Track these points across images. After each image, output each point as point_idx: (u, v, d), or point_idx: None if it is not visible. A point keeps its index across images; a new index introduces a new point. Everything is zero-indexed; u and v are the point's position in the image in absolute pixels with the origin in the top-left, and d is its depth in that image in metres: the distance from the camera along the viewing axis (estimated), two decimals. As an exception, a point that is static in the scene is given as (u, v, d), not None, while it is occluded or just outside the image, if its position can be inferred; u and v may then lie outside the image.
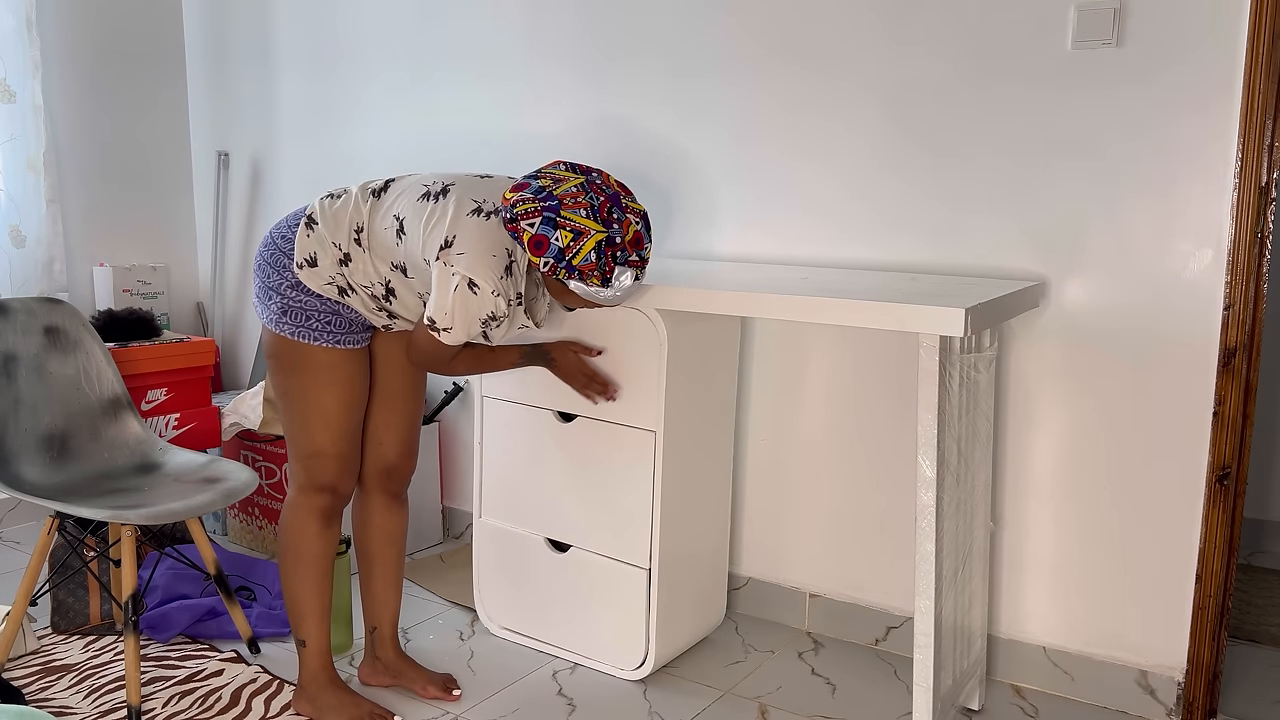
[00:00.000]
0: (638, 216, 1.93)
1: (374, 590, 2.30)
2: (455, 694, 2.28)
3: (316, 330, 2.02)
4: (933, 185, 2.38)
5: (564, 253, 1.85)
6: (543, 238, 1.85)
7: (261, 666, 2.41)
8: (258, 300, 2.07)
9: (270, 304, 2.03)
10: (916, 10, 2.35)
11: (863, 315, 1.86)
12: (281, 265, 2.02)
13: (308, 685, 2.17)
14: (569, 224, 1.85)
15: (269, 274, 2.03)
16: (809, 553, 2.66)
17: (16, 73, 3.20)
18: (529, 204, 1.87)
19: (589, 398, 2.29)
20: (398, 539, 2.29)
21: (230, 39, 3.66)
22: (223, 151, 3.71)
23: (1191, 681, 2.20)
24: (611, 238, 1.87)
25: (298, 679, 2.20)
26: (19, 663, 2.41)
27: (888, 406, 2.50)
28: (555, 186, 1.89)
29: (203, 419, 3.19)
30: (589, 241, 1.85)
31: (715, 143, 2.66)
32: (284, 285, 2.01)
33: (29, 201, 3.27)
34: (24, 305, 2.44)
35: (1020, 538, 2.38)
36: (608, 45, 2.80)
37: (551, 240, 1.84)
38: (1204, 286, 2.11)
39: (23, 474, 2.31)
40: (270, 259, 2.04)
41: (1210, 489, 2.14)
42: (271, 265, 2.03)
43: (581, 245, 1.85)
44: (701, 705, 2.30)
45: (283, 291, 2.01)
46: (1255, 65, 2.00)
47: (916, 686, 1.91)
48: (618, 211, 1.90)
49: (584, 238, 1.85)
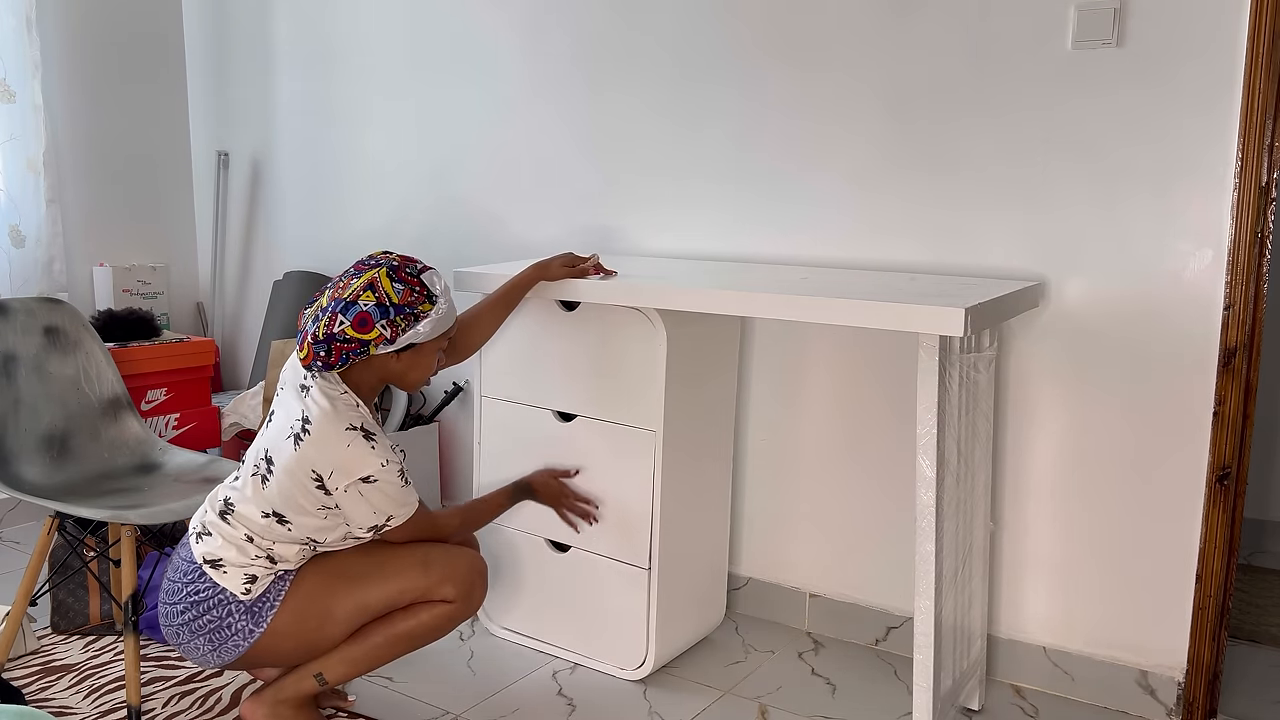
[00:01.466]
0: (381, 252, 1.96)
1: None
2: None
3: (276, 584, 1.93)
4: (933, 185, 2.38)
5: (381, 306, 1.86)
6: (359, 315, 1.86)
7: (261, 666, 2.41)
8: (216, 654, 1.94)
9: (235, 631, 1.92)
10: (917, 10, 2.35)
11: (863, 315, 1.86)
12: (219, 600, 1.91)
13: (283, 705, 2.03)
14: (352, 290, 1.88)
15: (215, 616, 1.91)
16: (809, 553, 2.66)
17: (16, 73, 3.20)
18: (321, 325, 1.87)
19: (571, 522, 2.36)
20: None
21: (230, 39, 3.66)
22: (223, 151, 3.71)
23: (1191, 681, 2.20)
24: (388, 267, 1.90)
25: (276, 688, 2.04)
26: (19, 663, 2.41)
27: (888, 406, 2.50)
28: (320, 298, 1.92)
29: (203, 419, 3.19)
30: (382, 281, 1.88)
31: (715, 143, 2.66)
32: (230, 610, 1.91)
33: (29, 201, 3.27)
34: (24, 305, 2.44)
35: (1020, 538, 2.38)
36: (608, 46, 2.80)
37: (367, 309, 1.86)
38: (1204, 286, 2.11)
39: (23, 474, 2.31)
40: (200, 609, 1.92)
41: (1210, 489, 2.14)
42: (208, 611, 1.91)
43: (381, 289, 1.87)
44: (701, 705, 2.30)
45: (234, 611, 1.91)
46: (1255, 65, 2.00)
47: (916, 686, 1.91)
48: (365, 260, 1.94)
49: (376, 285, 1.88)
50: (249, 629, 1.92)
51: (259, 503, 1.91)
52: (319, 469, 1.87)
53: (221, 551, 1.92)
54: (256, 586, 1.92)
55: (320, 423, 1.88)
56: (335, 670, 2.01)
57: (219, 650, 1.94)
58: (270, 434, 1.95)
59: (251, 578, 1.92)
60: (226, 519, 1.94)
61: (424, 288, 1.91)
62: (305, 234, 3.57)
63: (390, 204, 3.33)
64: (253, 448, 1.99)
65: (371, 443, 1.89)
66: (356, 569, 1.97)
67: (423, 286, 1.91)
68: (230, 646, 1.93)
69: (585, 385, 2.35)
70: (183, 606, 1.94)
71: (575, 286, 2.23)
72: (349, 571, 1.97)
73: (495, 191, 3.09)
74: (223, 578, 1.91)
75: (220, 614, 1.92)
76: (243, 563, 1.92)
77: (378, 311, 1.86)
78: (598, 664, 2.43)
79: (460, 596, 2.01)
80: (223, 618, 1.92)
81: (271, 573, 1.94)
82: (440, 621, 2.01)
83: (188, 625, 1.94)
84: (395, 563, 1.99)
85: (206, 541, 1.95)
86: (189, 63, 3.77)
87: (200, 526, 1.98)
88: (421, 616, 2.00)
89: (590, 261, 2.26)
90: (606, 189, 2.87)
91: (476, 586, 2.04)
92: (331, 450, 1.87)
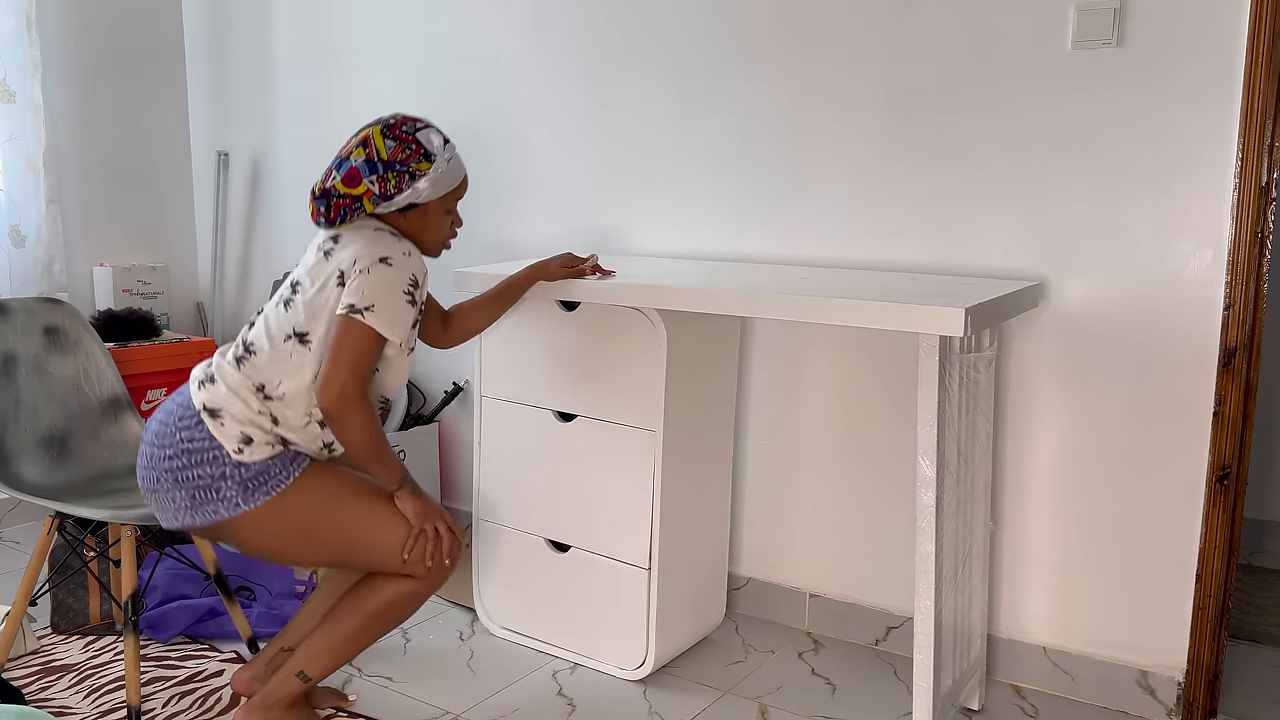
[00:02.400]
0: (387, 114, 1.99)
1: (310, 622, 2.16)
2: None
3: (282, 475, 1.89)
4: (933, 185, 2.38)
5: (370, 161, 1.90)
6: (350, 171, 1.90)
7: (261, 666, 2.41)
8: (195, 510, 1.88)
9: (225, 492, 1.87)
10: (917, 10, 2.35)
11: (863, 315, 1.86)
12: (211, 457, 1.87)
13: (274, 707, 2.02)
14: (350, 150, 1.92)
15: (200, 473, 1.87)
16: (809, 553, 2.66)
17: (16, 73, 3.20)
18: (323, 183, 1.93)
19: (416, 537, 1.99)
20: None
21: (230, 39, 3.66)
22: (223, 151, 3.71)
23: (1191, 681, 2.20)
24: (383, 124, 1.93)
25: (266, 692, 2.02)
26: (19, 663, 2.41)
27: (888, 406, 2.50)
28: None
29: (203, 419, 3.18)
30: (375, 137, 1.91)
31: (715, 143, 2.66)
32: (228, 469, 1.87)
33: (29, 201, 3.27)
34: (24, 305, 2.44)
35: (1020, 538, 2.38)
36: (610, 45, 2.80)
37: (356, 164, 1.90)
38: (1204, 286, 2.11)
39: (23, 474, 2.31)
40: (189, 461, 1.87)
41: (1210, 489, 2.14)
42: (197, 464, 1.87)
43: (374, 145, 1.90)
44: (701, 705, 2.30)
45: (230, 475, 1.87)
46: (1255, 65, 2.00)
47: (916, 686, 1.91)
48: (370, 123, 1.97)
49: (368, 142, 1.91)
50: (236, 502, 1.87)
51: (283, 327, 1.91)
52: (344, 266, 1.89)
53: (224, 401, 1.89)
54: (250, 451, 1.87)
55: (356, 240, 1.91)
56: (315, 665, 1.99)
57: (195, 510, 1.88)
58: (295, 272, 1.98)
59: (247, 438, 1.87)
60: (242, 365, 1.91)
61: (419, 146, 1.92)
62: (305, 234, 3.57)
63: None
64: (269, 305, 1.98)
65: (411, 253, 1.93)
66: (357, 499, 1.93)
67: (418, 144, 1.92)
68: (209, 511, 1.88)
69: (585, 385, 2.35)
70: (173, 452, 1.88)
71: (574, 287, 2.23)
72: (350, 495, 1.93)
73: (494, 191, 3.09)
74: (219, 430, 1.87)
75: (213, 473, 1.87)
76: (244, 417, 1.88)
77: (366, 167, 1.89)
78: (598, 664, 2.43)
79: (428, 572, 1.96)
80: (215, 479, 1.87)
81: (269, 439, 1.89)
82: (406, 599, 1.98)
83: (174, 473, 1.88)
84: (392, 515, 1.94)
85: (209, 389, 1.91)
86: (189, 63, 3.77)
87: (204, 375, 1.94)
88: (388, 592, 1.97)
89: (589, 262, 2.26)
90: (606, 189, 2.87)
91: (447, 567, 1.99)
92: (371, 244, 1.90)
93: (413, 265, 1.92)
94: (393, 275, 1.88)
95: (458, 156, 1.98)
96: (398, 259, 1.89)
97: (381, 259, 1.88)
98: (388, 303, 1.87)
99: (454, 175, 1.97)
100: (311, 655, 2.00)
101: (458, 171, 1.98)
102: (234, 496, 1.87)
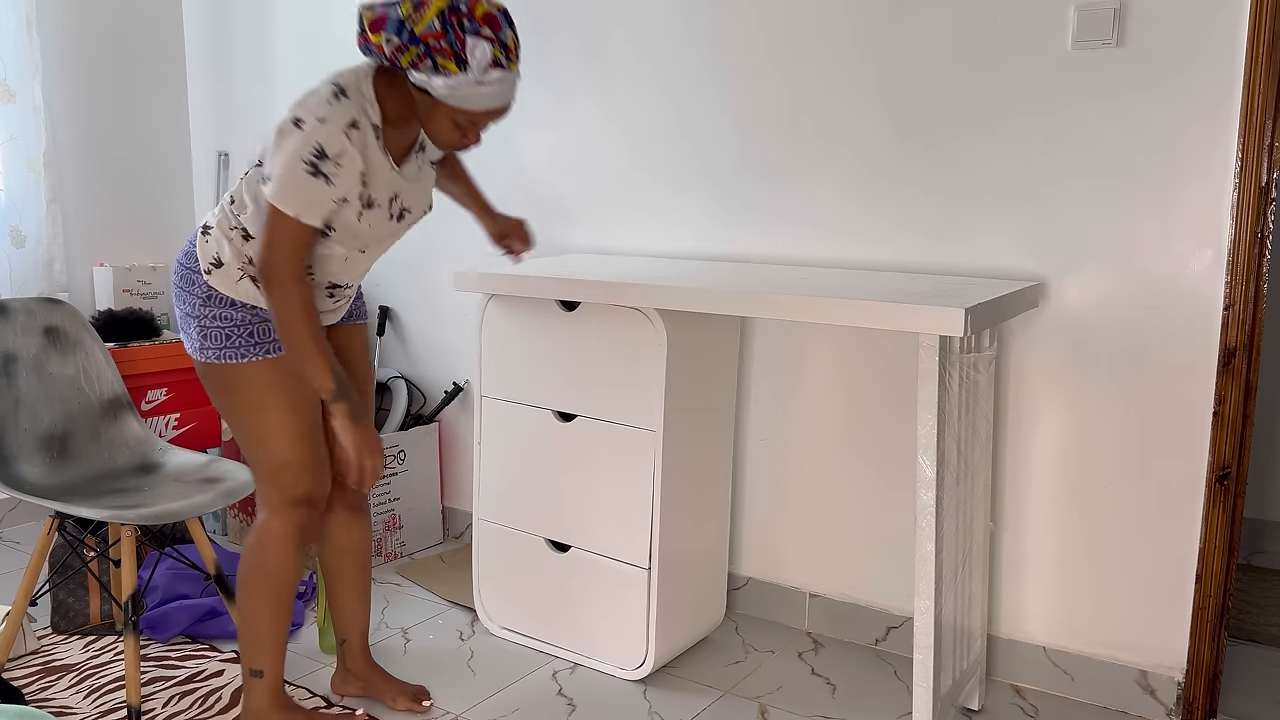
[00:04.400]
0: (491, 4, 1.74)
1: (341, 604, 2.25)
2: (426, 704, 2.24)
3: (241, 347, 1.94)
4: (933, 185, 2.38)
5: (403, 24, 1.70)
6: (382, 15, 1.71)
7: (261, 666, 2.41)
8: (181, 330, 2.01)
9: (190, 331, 1.97)
10: (917, 10, 2.35)
11: (863, 315, 1.86)
12: (190, 281, 1.95)
13: (260, 714, 2.05)
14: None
15: (183, 298, 1.97)
16: (809, 553, 2.66)
17: (16, 73, 3.20)
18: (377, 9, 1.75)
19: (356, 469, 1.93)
20: (361, 553, 2.23)
21: (230, 39, 3.66)
22: (223, 151, 3.71)
23: (1191, 681, 2.20)
24: (456, 5, 1.71)
25: (245, 708, 2.06)
26: (19, 663, 2.41)
27: (887, 406, 2.50)
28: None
29: (203, 419, 3.19)
30: (430, 10, 1.69)
31: (715, 143, 2.66)
32: (197, 304, 1.94)
33: (29, 201, 3.27)
34: (24, 305, 2.44)
35: (1020, 538, 2.38)
36: (608, 48, 2.80)
37: (390, 14, 1.71)
38: (1204, 286, 2.11)
39: (23, 474, 2.31)
40: (180, 281, 1.98)
41: (1210, 489, 2.14)
42: (182, 286, 1.97)
43: (422, 14, 1.69)
44: (701, 705, 2.30)
45: (197, 313, 1.94)
46: (1255, 65, 2.00)
47: (916, 686, 1.91)
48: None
49: (425, 7, 1.70)
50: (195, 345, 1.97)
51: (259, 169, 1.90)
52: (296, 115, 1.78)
53: (214, 219, 1.96)
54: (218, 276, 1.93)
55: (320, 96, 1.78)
56: (250, 657, 2.04)
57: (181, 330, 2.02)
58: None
59: (219, 260, 1.92)
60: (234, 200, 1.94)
61: (460, 47, 1.70)
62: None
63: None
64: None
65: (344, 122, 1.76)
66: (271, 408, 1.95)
67: (461, 44, 1.70)
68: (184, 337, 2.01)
69: (585, 385, 2.35)
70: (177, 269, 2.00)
71: (573, 287, 2.23)
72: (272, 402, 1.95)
73: (493, 191, 3.09)
74: (203, 246, 1.94)
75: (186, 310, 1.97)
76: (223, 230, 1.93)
77: (395, 26, 1.71)
78: (598, 664, 2.43)
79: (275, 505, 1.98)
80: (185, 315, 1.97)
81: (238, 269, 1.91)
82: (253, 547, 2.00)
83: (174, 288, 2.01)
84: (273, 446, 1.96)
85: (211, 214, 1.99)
86: (189, 63, 3.77)
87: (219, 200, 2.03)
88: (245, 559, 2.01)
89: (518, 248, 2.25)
90: (605, 189, 2.87)
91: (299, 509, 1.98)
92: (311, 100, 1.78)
93: (323, 133, 1.73)
94: (294, 144, 1.73)
95: (503, 85, 1.75)
96: (310, 123, 1.73)
97: (295, 120, 1.74)
98: (286, 178, 1.74)
99: (481, 99, 1.75)
100: (243, 652, 2.06)
101: (488, 99, 1.76)
102: (194, 339, 1.97)
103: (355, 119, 1.78)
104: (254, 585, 2.00)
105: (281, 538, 1.99)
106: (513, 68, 1.77)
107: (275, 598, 2.00)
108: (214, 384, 1.99)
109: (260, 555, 1.99)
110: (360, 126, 1.79)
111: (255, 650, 2.04)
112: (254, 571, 2.00)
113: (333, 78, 1.82)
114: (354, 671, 2.28)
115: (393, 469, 3.05)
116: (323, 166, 1.75)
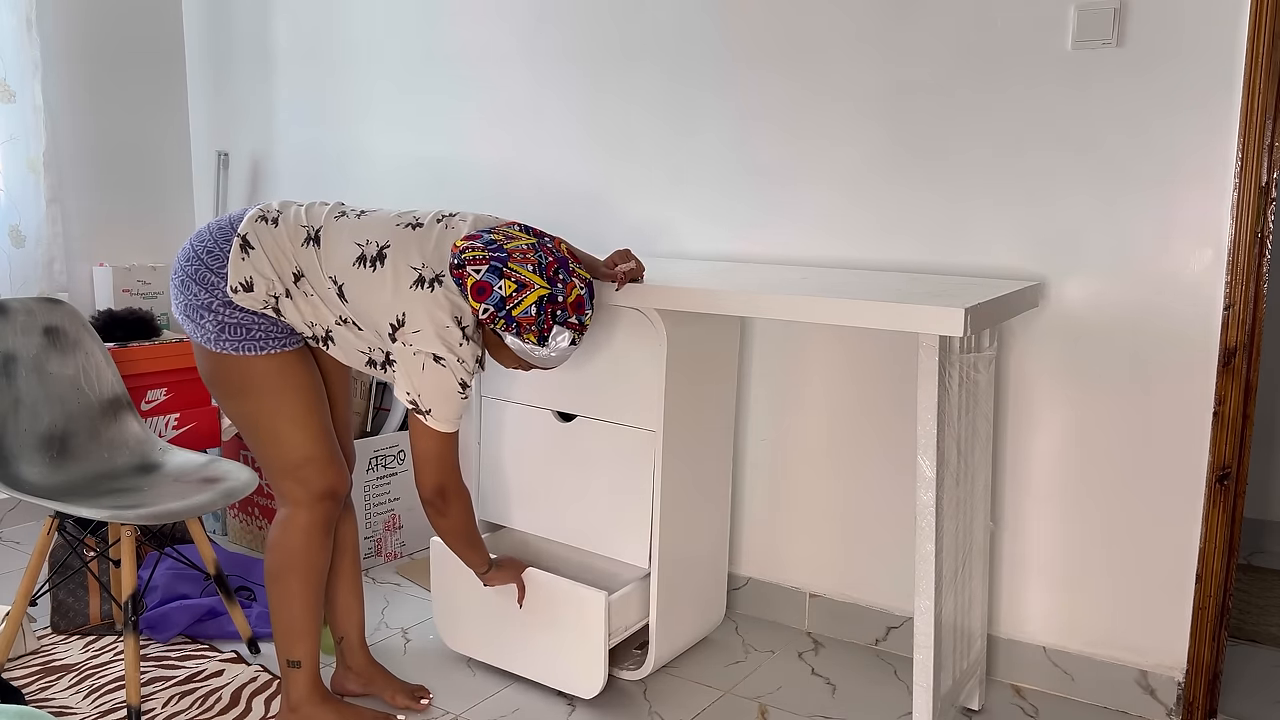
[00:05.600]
0: (582, 283, 1.93)
1: (337, 601, 2.27)
2: (425, 702, 2.25)
3: (260, 339, 1.96)
4: (933, 185, 2.38)
5: (505, 302, 1.85)
6: (486, 284, 1.85)
7: (261, 666, 2.41)
8: (184, 318, 1.99)
9: (203, 323, 1.96)
10: (916, 10, 2.35)
11: (863, 315, 1.86)
12: (211, 284, 1.95)
13: (301, 706, 2.09)
14: (514, 275, 1.86)
15: (196, 292, 1.96)
16: (809, 553, 2.66)
17: (16, 73, 3.20)
18: (478, 252, 1.87)
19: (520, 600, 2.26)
20: (351, 548, 2.26)
21: (230, 39, 3.66)
22: (223, 151, 3.71)
23: (1191, 681, 2.20)
24: (554, 295, 1.88)
25: (285, 701, 2.10)
26: (19, 663, 2.41)
27: (887, 406, 2.50)
28: (507, 242, 1.90)
29: (203, 419, 3.19)
30: (531, 295, 1.86)
31: (714, 143, 2.66)
32: (215, 304, 1.95)
33: (29, 201, 3.27)
34: (24, 305, 2.44)
35: (1020, 538, 2.38)
36: (606, 49, 2.80)
37: (495, 288, 1.85)
38: (1204, 286, 2.11)
39: (23, 474, 2.31)
40: (196, 275, 1.96)
41: (1210, 489, 2.14)
42: (199, 282, 1.96)
43: (524, 297, 1.85)
44: (701, 705, 2.30)
45: (215, 310, 1.95)
46: (1255, 65, 2.00)
47: (916, 686, 1.91)
48: (564, 274, 1.91)
49: (527, 290, 1.86)
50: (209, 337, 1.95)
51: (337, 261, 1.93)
52: (407, 311, 1.89)
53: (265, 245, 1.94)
54: (243, 297, 1.93)
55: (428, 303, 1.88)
56: (285, 647, 2.06)
57: (182, 315, 2.00)
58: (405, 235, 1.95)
59: (250, 285, 1.93)
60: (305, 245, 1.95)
61: (545, 332, 1.88)
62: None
63: (389, 205, 3.33)
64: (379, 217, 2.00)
65: (461, 341, 1.89)
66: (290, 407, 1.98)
67: (547, 331, 1.88)
68: (189, 325, 1.99)
69: (585, 385, 2.35)
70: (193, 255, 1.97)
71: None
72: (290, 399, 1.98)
73: (494, 191, 3.09)
74: (237, 262, 1.94)
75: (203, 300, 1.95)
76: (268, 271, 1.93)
77: (496, 301, 1.85)
78: (598, 664, 2.43)
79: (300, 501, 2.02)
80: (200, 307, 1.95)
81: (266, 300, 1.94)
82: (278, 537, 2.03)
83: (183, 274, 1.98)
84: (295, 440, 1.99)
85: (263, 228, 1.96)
86: (189, 63, 3.77)
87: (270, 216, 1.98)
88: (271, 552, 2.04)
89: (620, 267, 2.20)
90: (605, 189, 2.87)
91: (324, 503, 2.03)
92: (429, 321, 1.88)
93: (463, 364, 1.89)
94: (446, 379, 1.88)
95: (562, 357, 1.94)
96: (449, 361, 1.87)
97: (435, 357, 1.87)
98: (445, 406, 1.90)
99: (546, 362, 1.94)
100: (278, 643, 2.07)
101: (552, 363, 1.95)
102: (209, 331, 1.95)
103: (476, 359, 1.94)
104: (284, 575, 2.04)
105: (306, 527, 2.03)
106: (580, 341, 1.96)
107: (306, 585, 2.04)
108: (227, 378, 1.98)
109: (287, 546, 2.03)
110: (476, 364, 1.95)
111: (292, 640, 2.06)
112: (283, 562, 2.03)
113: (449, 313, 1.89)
114: (354, 668, 2.29)
115: (392, 469, 3.05)
116: (470, 383, 1.93)
